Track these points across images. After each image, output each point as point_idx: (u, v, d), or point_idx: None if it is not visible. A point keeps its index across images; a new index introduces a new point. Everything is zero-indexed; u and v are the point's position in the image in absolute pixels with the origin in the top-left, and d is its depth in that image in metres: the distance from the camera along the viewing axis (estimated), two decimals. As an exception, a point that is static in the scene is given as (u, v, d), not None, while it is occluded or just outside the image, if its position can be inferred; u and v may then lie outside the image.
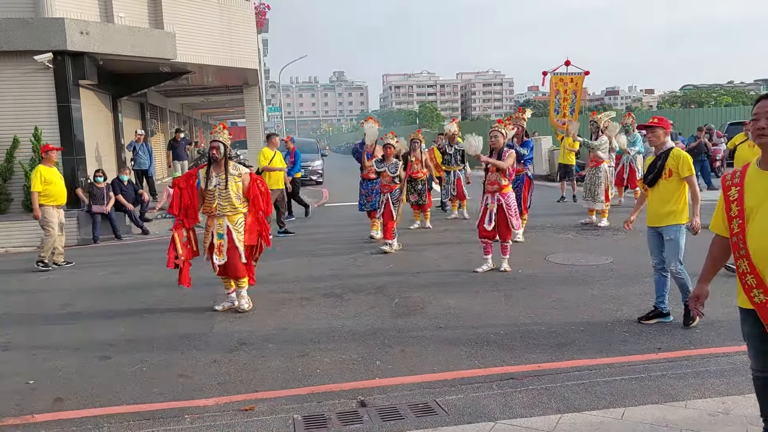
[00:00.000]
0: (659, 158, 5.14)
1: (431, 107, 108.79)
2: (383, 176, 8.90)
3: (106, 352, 5.12)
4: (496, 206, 7.20)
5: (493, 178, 7.24)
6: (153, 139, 18.74)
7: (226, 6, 15.28)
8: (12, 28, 10.84)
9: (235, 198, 5.95)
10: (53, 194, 8.83)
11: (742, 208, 2.67)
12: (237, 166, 6.08)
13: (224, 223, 5.98)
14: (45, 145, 9.37)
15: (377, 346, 5.01)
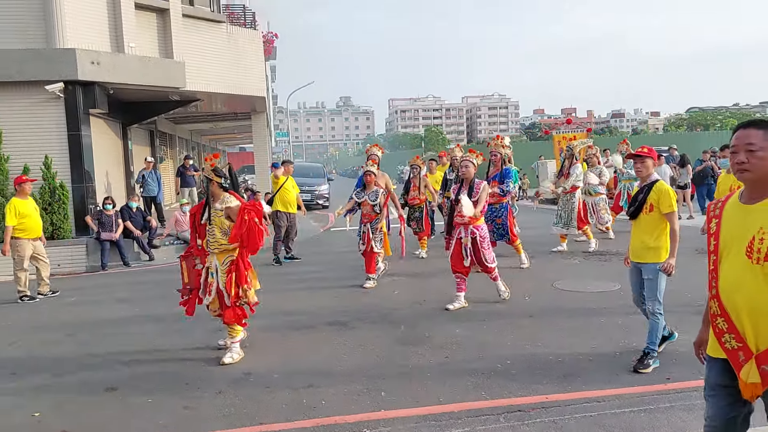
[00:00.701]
0: (642, 191, 4.92)
1: (437, 131, 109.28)
2: (363, 205, 8.49)
3: (111, 384, 5.11)
4: (470, 240, 6.86)
5: None
6: (162, 166, 18.90)
7: (234, 35, 15.52)
8: (24, 58, 11.04)
9: (221, 235, 5.50)
10: (28, 227, 8.66)
11: (718, 242, 2.48)
12: (225, 200, 5.54)
13: (213, 261, 5.58)
14: (18, 177, 9.19)
15: (383, 377, 4.98)
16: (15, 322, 7.59)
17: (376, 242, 8.37)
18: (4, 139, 11.15)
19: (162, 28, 13.36)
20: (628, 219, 5.08)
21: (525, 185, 25.61)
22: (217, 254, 5.56)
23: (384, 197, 8.54)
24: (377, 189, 8.45)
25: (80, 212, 11.61)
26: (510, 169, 9.19)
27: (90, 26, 11.72)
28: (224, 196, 5.56)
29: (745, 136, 2.40)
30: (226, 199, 5.55)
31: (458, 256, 6.92)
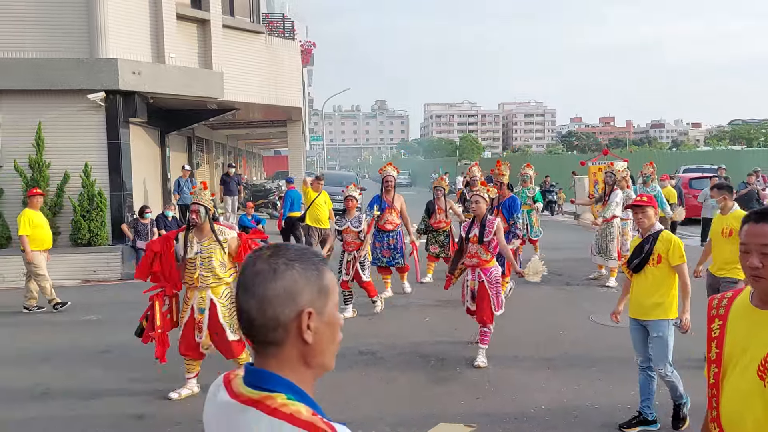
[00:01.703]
0: (647, 241, 4.54)
1: (472, 139, 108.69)
2: (346, 233, 7.95)
3: (139, 409, 5.10)
4: (477, 284, 6.14)
5: (473, 250, 6.13)
6: (198, 171, 19.13)
7: (273, 46, 15.60)
8: (68, 67, 11.25)
9: (220, 267, 5.22)
10: (40, 238, 8.71)
11: (721, 351, 2.00)
12: (222, 230, 5.33)
13: (207, 296, 5.23)
14: (30, 189, 9.22)
15: (412, 416, 4.87)
16: (51, 328, 7.69)
17: (363, 271, 7.97)
18: (46, 146, 11.37)
19: (202, 39, 13.48)
20: (629, 273, 4.66)
21: (560, 200, 25.18)
22: (213, 288, 5.23)
23: (367, 223, 8.04)
24: (359, 215, 8.04)
25: (117, 220, 11.77)
26: (515, 197, 8.76)
27: (132, 37, 11.89)
28: (218, 227, 5.34)
29: (760, 234, 1.90)
30: (222, 230, 5.32)
31: (471, 300, 6.28)
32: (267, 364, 1.24)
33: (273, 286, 1.20)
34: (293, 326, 1.21)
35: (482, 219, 6.15)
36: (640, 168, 12.63)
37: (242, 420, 1.20)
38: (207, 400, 1.33)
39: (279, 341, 1.22)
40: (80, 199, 11.36)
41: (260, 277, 1.21)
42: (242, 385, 1.25)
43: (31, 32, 11.28)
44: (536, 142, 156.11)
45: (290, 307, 1.20)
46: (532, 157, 40.12)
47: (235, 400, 1.23)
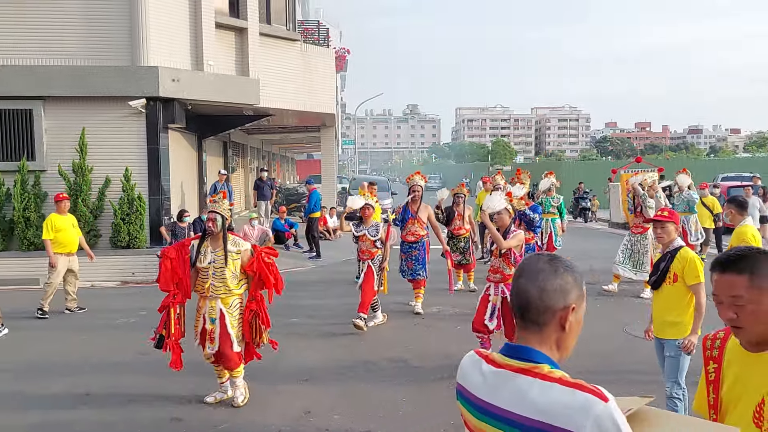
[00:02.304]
0: (664, 258, 4.43)
1: (504, 143, 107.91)
2: (362, 240, 7.82)
3: (176, 413, 5.24)
4: (500, 300, 5.98)
5: (496, 265, 6.09)
6: (234, 175, 19.46)
7: (308, 54, 15.80)
8: (110, 75, 11.59)
9: (231, 278, 5.19)
10: (63, 242, 8.89)
11: (718, 397, 1.96)
12: (236, 241, 5.28)
13: (217, 306, 5.21)
14: (57, 194, 9.43)
15: (443, 427, 4.90)
16: (92, 330, 7.92)
17: (377, 280, 7.72)
18: (88, 151, 11.73)
19: (239, 47, 13.74)
20: (650, 289, 4.58)
21: (594, 207, 24.85)
22: (222, 298, 5.21)
23: (385, 231, 7.88)
24: (377, 223, 7.82)
25: (155, 223, 12.07)
26: (536, 206, 8.56)
27: (172, 45, 12.19)
28: (233, 237, 5.29)
29: (728, 285, 1.84)
30: (237, 241, 5.28)
31: (482, 314, 6.06)
32: (529, 341, 1.58)
33: (553, 281, 1.56)
34: (558, 315, 1.56)
35: (504, 231, 6.02)
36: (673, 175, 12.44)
37: (515, 383, 1.53)
38: (466, 372, 1.68)
39: (544, 323, 1.57)
40: (120, 203, 11.69)
41: (543, 273, 1.58)
42: (503, 357, 1.59)
43: (76, 41, 11.66)
44: (570, 147, 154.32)
45: (561, 300, 1.56)
46: (565, 162, 39.64)
47: (503, 369, 1.58)
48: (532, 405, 1.48)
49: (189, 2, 12.49)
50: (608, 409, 1.42)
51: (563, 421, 1.43)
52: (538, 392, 1.48)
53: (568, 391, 1.46)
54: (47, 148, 11.76)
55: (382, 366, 6.43)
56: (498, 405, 1.55)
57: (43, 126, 11.71)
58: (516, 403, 1.51)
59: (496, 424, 1.55)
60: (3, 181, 11.53)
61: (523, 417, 1.49)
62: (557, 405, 1.45)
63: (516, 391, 1.52)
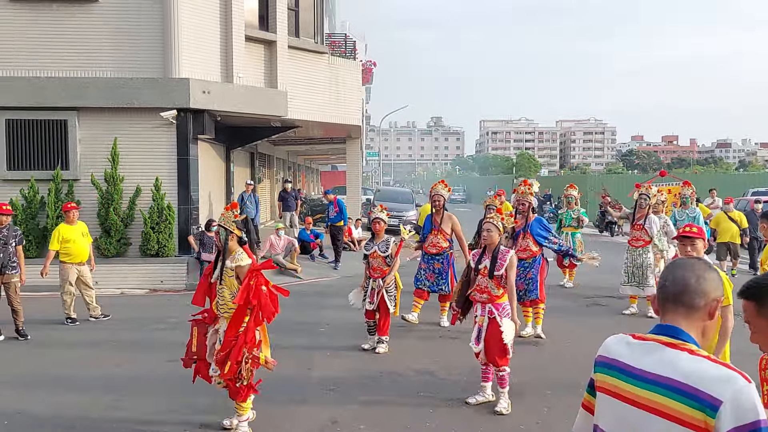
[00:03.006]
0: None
1: (529, 156, 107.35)
2: (373, 257, 7.28)
3: (203, 420, 5.29)
4: (486, 321, 5.50)
5: (483, 284, 5.53)
6: (260, 186, 19.68)
7: (335, 66, 15.98)
8: (143, 86, 11.85)
9: (230, 296, 4.85)
10: (73, 252, 8.92)
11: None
12: (236, 257, 4.87)
13: (221, 327, 4.92)
14: (65, 204, 9.43)
15: (472, 440, 4.88)
16: (120, 340, 8.05)
17: (390, 300, 7.24)
18: (120, 161, 11.97)
19: (268, 59, 13.94)
20: None
21: (621, 221, 24.58)
22: (227, 319, 4.86)
23: (396, 246, 7.39)
24: (388, 238, 7.34)
25: (184, 232, 12.25)
26: (540, 218, 8.20)
27: (203, 58, 12.42)
28: (237, 252, 4.91)
29: (744, 311, 1.96)
30: (237, 256, 4.89)
31: (476, 339, 5.63)
32: (677, 323, 1.81)
33: (709, 273, 1.83)
34: (709, 304, 1.80)
35: (494, 250, 5.57)
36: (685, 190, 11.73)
37: (663, 353, 1.77)
38: (610, 346, 1.92)
39: (697, 307, 1.80)
40: (150, 212, 11.89)
41: (700, 265, 1.85)
42: (652, 335, 1.84)
43: (110, 53, 11.95)
44: (595, 160, 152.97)
45: (714, 291, 1.81)
46: (590, 175, 39.31)
47: (652, 341, 1.82)
48: (679, 369, 1.70)
49: (220, 16, 12.74)
50: (749, 387, 1.63)
51: (706, 386, 1.64)
52: (687, 361, 1.71)
53: (715, 365, 1.68)
54: (81, 157, 12.04)
55: (408, 377, 6.43)
56: (644, 369, 1.77)
57: (77, 136, 11.99)
58: (662, 367, 1.74)
59: (642, 385, 1.77)
60: (38, 190, 11.82)
61: (668, 378, 1.71)
62: (703, 373, 1.67)
63: (664, 358, 1.75)
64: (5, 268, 7.95)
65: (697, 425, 1.66)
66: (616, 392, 1.84)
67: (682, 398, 1.68)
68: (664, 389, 1.72)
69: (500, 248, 5.60)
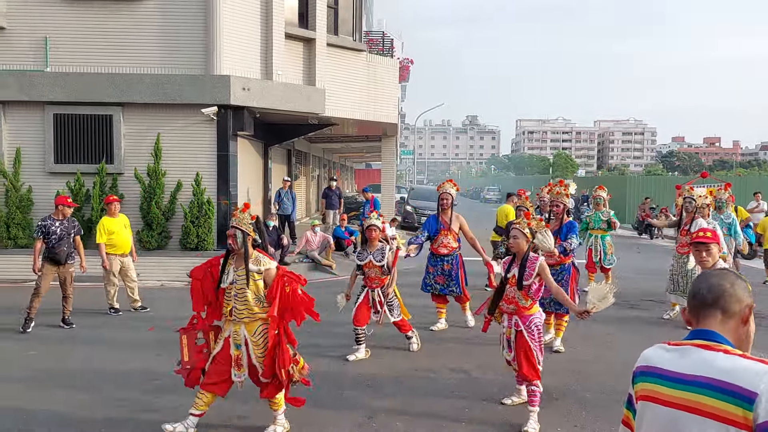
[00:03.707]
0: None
1: (566, 156, 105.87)
2: (368, 267, 6.95)
3: (242, 412, 5.39)
4: (514, 333, 5.22)
5: (511, 294, 5.22)
6: (296, 183, 19.88)
7: (373, 64, 16.03)
8: (185, 83, 12.09)
9: (254, 301, 4.70)
10: (116, 244, 9.17)
11: None
12: (259, 259, 4.74)
13: (241, 332, 4.75)
14: (107, 197, 9.64)
15: (507, 440, 4.87)
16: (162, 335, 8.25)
17: (392, 310, 7.01)
18: (162, 156, 12.25)
19: (307, 57, 14.08)
20: None
21: (662, 226, 24.06)
22: (246, 324, 4.74)
23: (393, 255, 7.03)
24: (383, 246, 6.97)
25: (223, 227, 12.45)
26: (574, 223, 7.55)
27: (243, 55, 12.61)
28: (256, 255, 4.76)
29: None
30: (261, 259, 4.74)
31: (508, 348, 5.35)
32: (712, 327, 1.91)
33: (738, 281, 1.94)
34: (743, 310, 1.91)
35: (522, 258, 5.18)
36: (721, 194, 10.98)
37: (699, 354, 1.85)
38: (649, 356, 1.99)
39: (732, 313, 1.90)
40: (191, 206, 12.14)
41: (730, 274, 1.96)
42: (686, 341, 1.92)
43: (154, 50, 12.24)
44: (634, 161, 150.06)
45: (747, 297, 1.92)
46: (629, 177, 38.60)
47: (688, 346, 1.90)
48: (715, 368, 1.79)
49: (261, 14, 12.92)
50: None
51: (741, 380, 1.73)
52: (723, 360, 1.80)
53: (750, 361, 1.78)
54: (125, 152, 12.35)
55: (444, 376, 6.43)
56: (683, 372, 1.85)
57: (122, 131, 12.31)
58: (699, 367, 1.82)
59: (680, 387, 1.84)
60: (84, 183, 12.17)
61: (705, 377, 1.79)
62: (739, 368, 1.76)
63: (701, 359, 1.83)
64: (69, 257, 8.37)
65: (736, 420, 1.72)
66: (656, 397, 1.90)
67: (719, 395, 1.74)
68: (702, 388, 1.78)
69: (529, 256, 5.18)
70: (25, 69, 12.11)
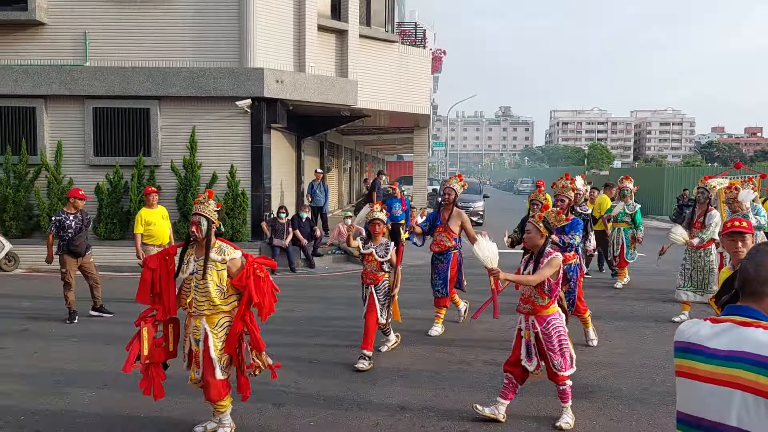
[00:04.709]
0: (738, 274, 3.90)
1: (601, 146, 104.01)
2: (368, 260, 6.58)
3: (280, 399, 5.47)
4: (533, 335, 4.90)
5: (527, 293, 4.93)
6: (328, 175, 19.99)
7: (405, 55, 15.98)
8: (220, 76, 12.24)
9: (216, 292, 4.39)
10: (155, 234, 9.27)
11: None
12: (223, 249, 4.46)
13: (201, 325, 4.45)
14: (146, 188, 9.71)
15: (540, 428, 4.84)
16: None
17: (382, 310, 6.54)
18: (198, 148, 12.43)
19: (339, 49, 14.10)
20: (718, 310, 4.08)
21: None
22: (207, 316, 4.44)
23: (395, 253, 6.64)
24: (387, 241, 6.61)
25: (256, 218, 12.61)
26: (578, 220, 6.95)
27: (277, 48, 12.70)
28: (219, 244, 4.50)
29: None
30: (224, 248, 4.48)
31: (515, 351, 5.03)
32: (752, 304, 1.92)
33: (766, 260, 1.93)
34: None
35: (538, 254, 4.88)
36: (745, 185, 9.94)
37: (738, 331, 1.88)
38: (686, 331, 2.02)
39: (761, 294, 1.92)
40: (225, 198, 12.31)
41: (760, 253, 1.95)
42: (724, 317, 1.96)
43: (188, 44, 12.42)
44: (672, 152, 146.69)
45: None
46: (668, 168, 37.75)
47: (727, 322, 1.93)
48: (753, 343, 1.82)
49: (293, 6, 12.97)
50: None
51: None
52: (761, 334, 1.83)
53: None
54: (161, 145, 12.58)
55: (477, 368, 6.41)
56: (719, 347, 1.89)
57: (159, 124, 12.53)
58: (737, 343, 1.85)
59: (718, 362, 1.87)
60: (122, 175, 12.44)
61: (743, 352, 1.82)
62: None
63: (738, 335, 1.86)
64: (87, 249, 8.51)
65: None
66: (693, 374, 1.93)
67: (757, 368, 1.77)
68: (740, 362, 1.81)
69: (545, 251, 4.87)
70: (65, 63, 12.41)
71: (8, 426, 4.87)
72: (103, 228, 12.34)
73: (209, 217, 4.44)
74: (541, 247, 4.87)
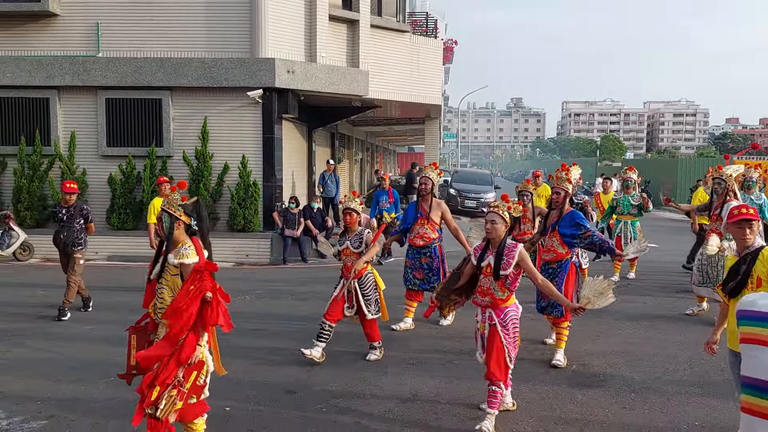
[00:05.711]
0: (744, 261, 3.86)
1: (614, 138, 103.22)
2: (345, 254, 6.27)
3: (292, 386, 5.50)
4: (488, 327, 4.70)
5: (486, 285, 4.71)
6: (339, 166, 19.99)
7: (416, 45, 15.93)
8: (231, 66, 12.25)
9: (171, 300, 3.83)
10: None
11: None
12: (182, 251, 3.85)
13: (161, 334, 3.95)
14: (159, 178, 9.60)
15: (554, 421, 4.83)
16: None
17: (370, 305, 6.20)
18: (210, 139, 12.47)
19: (351, 39, 14.07)
20: (725, 297, 4.01)
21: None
22: (164, 325, 3.89)
23: (371, 239, 6.29)
24: (362, 230, 6.25)
25: (268, 209, 12.65)
26: (577, 212, 6.55)
27: (288, 38, 12.69)
28: (184, 244, 3.90)
29: None
30: (183, 250, 3.87)
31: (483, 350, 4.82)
32: None
33: None
34: None
35: (499, 245, 4.69)
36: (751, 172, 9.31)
37: None
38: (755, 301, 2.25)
39: None
40: (237, 189, 12.35)
41: None
42: None
43: (200, 35, 12.44)
44: (685, 143, 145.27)
45: None
46: (681, 159, 37.45)
47: None
48: None
49: (305, -4, 12.95)
50: None
51: None
52: None
53: None
54: (173, 135, 12.63)
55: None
56: None
57: (171, 114, 12.57)
58: None
59: None
60: (135, 165, 12.50)
61: None
62: None
63: None
64: (68, 246, 7.90)
65: None
66: (758, 339, 2.10)
67: None
68: None
69: (506, 243, 4.69)
70: (78, 54, 12.47)
71: (25, 411, 4.93)
72: (116, 218, 12.43)
73: (173, 213, 3.92)
74: (503, 238, 4.70)
